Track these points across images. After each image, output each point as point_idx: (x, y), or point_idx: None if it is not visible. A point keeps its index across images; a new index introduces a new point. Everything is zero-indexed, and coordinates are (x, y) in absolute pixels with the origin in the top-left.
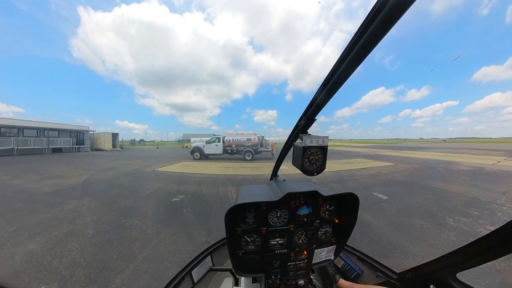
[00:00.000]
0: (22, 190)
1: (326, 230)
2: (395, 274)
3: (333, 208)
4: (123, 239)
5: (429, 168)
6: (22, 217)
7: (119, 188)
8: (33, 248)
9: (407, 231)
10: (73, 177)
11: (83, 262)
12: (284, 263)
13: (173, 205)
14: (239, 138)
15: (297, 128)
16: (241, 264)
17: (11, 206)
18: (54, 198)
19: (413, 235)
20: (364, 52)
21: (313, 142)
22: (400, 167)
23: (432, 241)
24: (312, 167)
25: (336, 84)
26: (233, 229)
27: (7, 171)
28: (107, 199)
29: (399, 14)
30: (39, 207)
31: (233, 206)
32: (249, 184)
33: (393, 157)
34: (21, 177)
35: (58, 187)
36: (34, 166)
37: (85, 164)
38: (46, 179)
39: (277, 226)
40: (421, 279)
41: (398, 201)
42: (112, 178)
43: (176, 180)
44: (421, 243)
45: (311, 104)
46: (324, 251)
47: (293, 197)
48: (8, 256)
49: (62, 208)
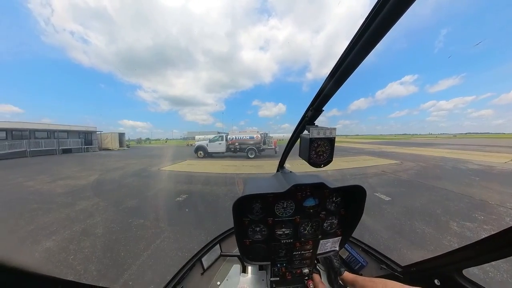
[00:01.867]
0: (36, 191)
1: (331, 221)
2: (400, 267)
3: (339, 200)
4: (130, 238)
5: (436, 167)
6: (38, 217)
7: (126, 188)
8: (50, 246)
9: (407, 236)
10: (83, 177)
11: (94, 259)
12: (290, 252)
13: (177, 204)
14: (242, 136)
15: (304, 119)
16: (248, 252)
17: (27, 207)
18: (66, 199)
19: (412, 241)
20: (374, 40)
21: (320, 133)
22: (405, 165)
23: (432, 247)
24: (319, 159)
25: (344, 74)
26: (241, 219)
27: (22, 173)
28: (114, 199)
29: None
30: (53, 208)
31: (240, 197)
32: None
33: (399, 154)
34: (35, 178)
35: (69, 188)
36: (45, 168)
37: (93, 164)
38: (58, 180)
39: (283, 217)
40: (426, 273)
41: (400, 202)
42: (119, 178)
43: (179, 179)
44: (420, 250)
45: (319, 95)
46: (329, 242)
47: (299, 189)
48: (29, 253)
49: (74, 209)
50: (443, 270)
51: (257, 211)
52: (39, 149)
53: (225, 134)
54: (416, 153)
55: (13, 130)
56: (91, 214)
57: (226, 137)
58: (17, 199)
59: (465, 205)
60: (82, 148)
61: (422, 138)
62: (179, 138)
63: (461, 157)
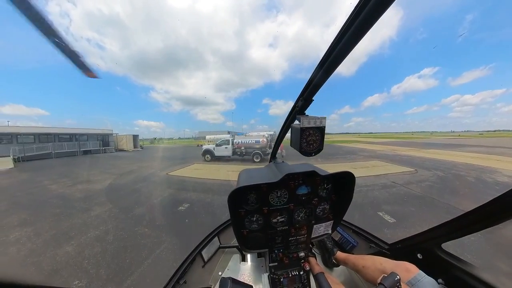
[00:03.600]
0: (59, 195)
1: (324, 207)
2: (387, 244)
3: (330, 186)
4: (134, 246)
5: (456, 177)
6: (60, 222)
7: (135, 194)
8: (69, 250)
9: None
10: (99, 181)
11: (104, 264)
12: (286, 238)
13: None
14: (247, 140)
15: (294, 109)
16: (246, 241)
17: (51, 211)
18: (83, 204)
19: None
20: (363, 29)
21: (311, 123)
22: (420, 174)
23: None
24: (310, 148)
25: (333, 64)
26: (237, 210)
27: (48, 175)
28: (125, 205)
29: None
30: (72, 213)
31: (235, 189)
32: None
33: (415, 158)
34: (58, 182)
35: (86, 193)
36: (67, 170)
37: (109, 167)
38: (77, 184)
39: (278, 205)
40: (409, 249)
41: (406, 226)
42: (131, 183)
43: (185, 186)
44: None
45: (308, 85)
46: (322, 226)
47: (292, 178)
48: (51, 256)
49: (90, 214)
50: (425, 245)
51: (252, 202)
52: (62, 151)
53: (231, 138)
54: (435, 158)
55: (40, 135)
56: (104, 221)
57: (232, 141)
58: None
59: (484, 235)
60: (100, 149)
61: (442, 137)
62: (190, 137)
63: (489, 165)
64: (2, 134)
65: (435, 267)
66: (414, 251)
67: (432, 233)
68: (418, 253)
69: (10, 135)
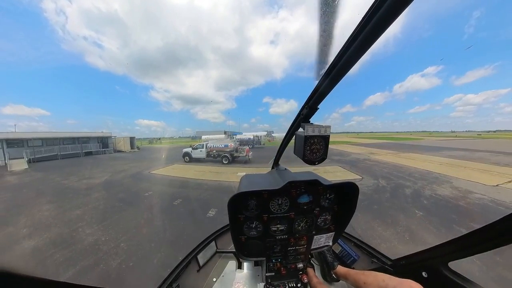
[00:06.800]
0: (70, 187)
1: (325, 217)
2: (390, 260)
3: (333, 196)
4: (114, 212)
5: (394, 188)
6: (72, 201)
7: (122, 186)
8: (79, 213)
9: None
10: (98, 178)
11: (100, 217)
12: (285, 248)
13: (146, 198)
14: (218, 145)
15: (299, 117)
16: (243, 248)
17: (66, 196)
18: (86, 191)
19: None
20: (371, 39)
21: (315, 131)
22: (361, 183)
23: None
24: (313, 156)
25: (340, 73)
26: (236, 215)
27: (59, 174)
28: (113, 192)
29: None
30: (79, 197)
31: (235, 194)
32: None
33: (380, 164)
34: (68, 178)
35: (88, 185)
36: (73, 170)
37: (106, 166)
38: (83, 180)
39: (278, 213)
40: (414, 266)
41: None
42: (121, 178)
43: (163, 182)
44: None
45: (314, 93)
46: (323, 238)
47: (294, 186)
48: (69, 218)
49: (91, 197)
50: (430, 263)
51: (252, 208)
52: (67, 153)
53: (205, 143)
54: (400, 163)
55: (47, 139)
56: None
57: (206, 146)
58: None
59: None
60: (100, 150)
61: (437, 138)
62: (189, 136)
63: (447, 173)
64: (14, 140)
65: (441, 287)
66: (419, 268)
67: (438, 250)
68: (423, 271)
69: (21, 140)
